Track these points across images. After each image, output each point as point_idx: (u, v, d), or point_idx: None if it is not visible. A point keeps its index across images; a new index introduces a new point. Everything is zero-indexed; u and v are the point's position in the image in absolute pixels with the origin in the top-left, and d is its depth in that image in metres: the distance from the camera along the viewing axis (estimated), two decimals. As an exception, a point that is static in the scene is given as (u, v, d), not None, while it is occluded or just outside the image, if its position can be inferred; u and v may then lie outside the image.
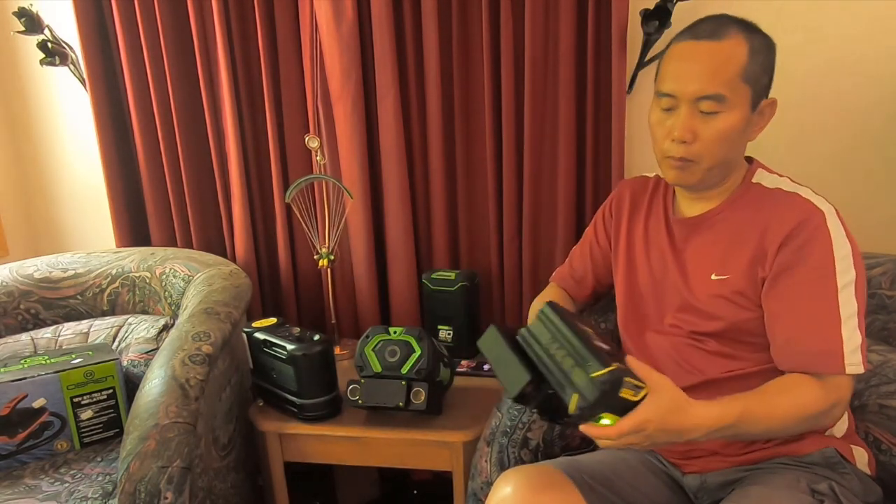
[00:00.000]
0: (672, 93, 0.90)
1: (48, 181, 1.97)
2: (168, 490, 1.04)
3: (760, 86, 0.90)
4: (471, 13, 1.51)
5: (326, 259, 1.58)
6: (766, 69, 0.90)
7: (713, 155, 0.90)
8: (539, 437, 1.12)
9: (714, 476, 0.98)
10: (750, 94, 0.88)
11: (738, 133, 0.90)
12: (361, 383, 1.28)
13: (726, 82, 0.86)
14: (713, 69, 0.87)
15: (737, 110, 0.88)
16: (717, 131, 0.88)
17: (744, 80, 0.87)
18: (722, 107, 0.87)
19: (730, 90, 0.87)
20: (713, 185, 0.97)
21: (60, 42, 1.70)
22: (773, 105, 0.93)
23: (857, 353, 0.84)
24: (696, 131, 0.89)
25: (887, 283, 1.14)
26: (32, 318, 1.61)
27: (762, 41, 0.89)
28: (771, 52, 0.91)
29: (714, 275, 0.95)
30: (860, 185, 1.44)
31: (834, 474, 0.90)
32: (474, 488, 1.11)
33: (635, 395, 0.74)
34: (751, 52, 0.87)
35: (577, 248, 1.24)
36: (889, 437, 1.02)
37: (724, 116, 0.88)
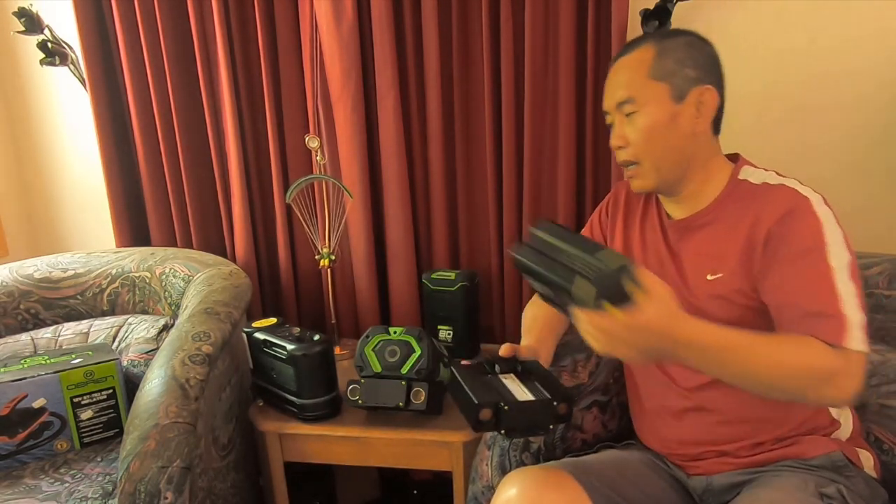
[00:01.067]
0: (605, 109, 1.02)
1: (48, 181, 1.97)
2: (168, 490, 1.04)
3: (681, 78, 0.94)
4: (471, 13, 1.51)
5: (327, 259, 1.58)
6: (686, 63, 0.94)
7: (647, 151, 0.96)
8: (540, 441, 1.12)
9: (720, 478, 0.97)
10: (666, 88, 0.94)
11: (665, 125, 0.94)
12: (361, 383, 1.28)
13: (633, 84, 0.96)
14: (623, 78, 0.98)
15: (651, 105, 0.94)
16: (640, 128, 0.96)
17: (652, 77, 0.94)
18: (636, 106, 0.95)
19: (637, 90, 0.95)
20: (678, 184, 0.99)
21: (60, 42, 1.70)
22: (709, 91, 0.95)
23: (860, 330, 0.81)
24: (626, 135, 0.98)
25: (885, 283, 1.14)
26: (32, 318, 1.61)
27: (676, 41, 0.96)
28: (691, 48, 0.95)
29: (709, 275, 0.95)
30: (860, 185, 1.44)
31: (841, 478, 0.90)
32: (475, 492, 1.11)
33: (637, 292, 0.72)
34: (658, 53, 0.95)
35: None
36: (890, 436, 1.02)
37: (642, 113, 0.95)
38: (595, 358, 1.19)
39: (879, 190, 1.43)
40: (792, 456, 0.93)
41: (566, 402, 0.89)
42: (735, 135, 1.47)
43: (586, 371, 1.17)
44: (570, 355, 1.18)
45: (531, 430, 0.91)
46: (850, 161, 1.44)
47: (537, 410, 0.88)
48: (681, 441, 1.02)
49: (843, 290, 0.83)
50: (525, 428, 0.90)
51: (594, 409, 1.17)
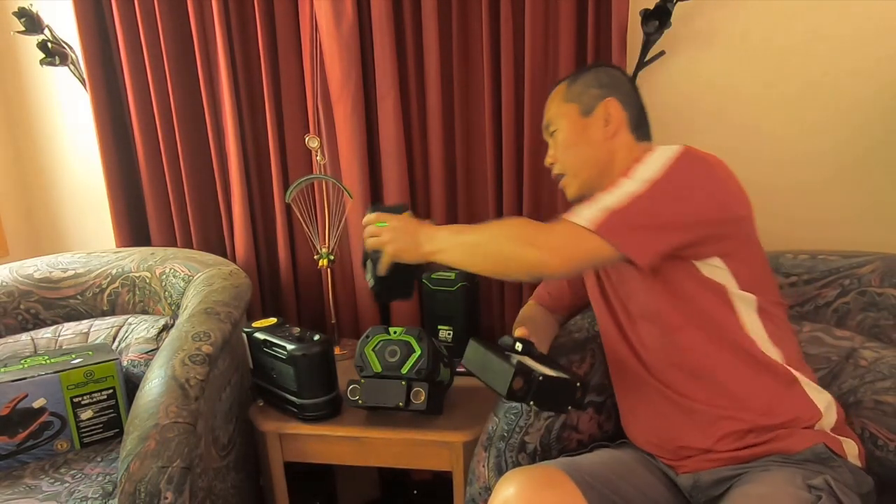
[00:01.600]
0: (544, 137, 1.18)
1: (48, 181, 1.97)
2: (168, 490, 1.04)
3: (587, 96, 1.10)
4: (471, 13, 1.51)
5: (326, 259, 1.58)
6: (592, 84, 1.11)
7: (567, 162, 1.11)
8: (536, 441, 1.12)
9: (706, 474, 0.98)
10: (575, 107, 1.10)
11: (578, 137, 1.09)
12: (361, 383, 1.28)
13: (550, 110, 1.14)
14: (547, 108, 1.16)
15: (564, 122, 1.11)
16: (559, 143, 1.12)
17: (565, 101, 1.12)
18: (554, 125, 1.13)
19: (553, 113, 1.13)
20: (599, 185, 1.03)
21: (60, 42, 1.70)
22: (611, 103, 1.08)
23: (598, 211, 0.91)
24: (554, 153, 1.14)
25: (877, 281, 1.15)
26: (32, 318, 1.61)
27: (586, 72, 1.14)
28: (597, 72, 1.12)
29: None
30: (860, 185, 1.44)
31: (827, 469, 0.90)
32: (472, 494, 1.11)
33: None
34: (570, 82, 1.13)
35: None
36: (885, 432, 1.02)
37: (559, 131, 1.12)
38: (590, 359, 1.20)
39: (879, 190, 1.43)
40: (776, 451, 0.93)
41: (583, 387, 0.92)
42: (735, 134, 1.48)
43: (581, 372, 1.18)
44: (564, 356, 1.18)
45: (553, 407, 0.92)
46: (850, 161, 1.44)
47: (561, 389, 0.90)
48: (665, 437, 1.03)
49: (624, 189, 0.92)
50: (549, 405, 0.91)
51: (590, 410, 1.18)
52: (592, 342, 1.21)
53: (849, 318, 1.17)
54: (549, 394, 0.89)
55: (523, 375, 0.87)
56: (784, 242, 1.36)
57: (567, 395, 0.91)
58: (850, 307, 1.17)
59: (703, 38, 1.45)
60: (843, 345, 1.14)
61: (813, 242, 1.40)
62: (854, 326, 1.17)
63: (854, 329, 1.17)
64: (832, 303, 1.19)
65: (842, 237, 1.43)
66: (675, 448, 1.02)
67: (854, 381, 1.09)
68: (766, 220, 1.48)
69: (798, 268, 1.23)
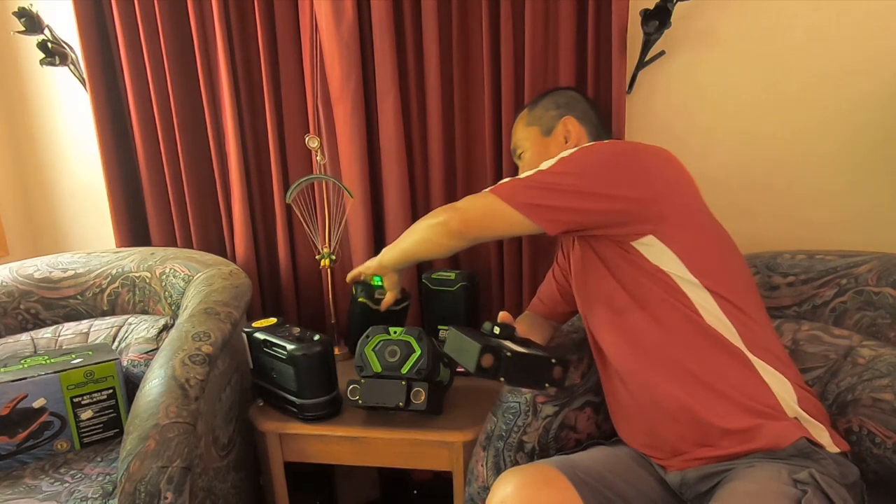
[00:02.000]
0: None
1: (48, 181, 1.97)
2: (168, 490, 1.04)
3: (547, 118, 1.24)
4: (471, 13, 1.51)
5: (328, 259, 1.58)
6: (549, 107, 1.26)
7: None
8: (535, 441, 1.12)
9: (692, 472, 0.99)
10: (537, 129, 1.25)
11: (541, 155, 1.17)
12: (361, 383, 1.28)
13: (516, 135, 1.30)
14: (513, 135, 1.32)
15: (527, 143, 1.26)
16: (525, 163, 1.25)
17: (528, 125, 1.27)
18: (521, 149, 1.28)
19: (518, 138, 1.29)
20: None
21: (60, 42, 1.70)
22: (569, 121, 1.22)
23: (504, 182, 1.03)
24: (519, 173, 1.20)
25: (874, 280, 1.15)
26: (32, 318, 1.61)
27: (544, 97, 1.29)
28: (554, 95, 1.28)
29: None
30: (855, 184, 1.45)
31: (811, 462, 0.91)
32: (471, 493, 1.11)
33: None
34: (529, 109, 1.29)
35: (547, 274, 1.36)
36: (883, 429, 1.03)
37: (525, 152, 1.27)
38: (587, 359, 1.20)
39: (878, 190, 1.43)
40: (760, 448, 0.93)
41: (562, 365, 0.94)
42: (734, 133, 1.49)
43: (578, 372, 1.18)
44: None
45: (527, 383, 0.96)
46: (849, 161, 1.44)
47: (535, 365, 0.94)
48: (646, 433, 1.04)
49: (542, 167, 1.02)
50: (522, 381, 0.95)
51: (588, 410, 1.18)
52: (589, 343, 1.22)
53: (846, 318, 1.18)
54: (522, 370, 0.92)
55: (492, 352, 0.90)
56: (782, 242, 1.36)
57: (542, 372, 0.94)
58: (848, 306, 1.18)
59: (703, 38, 1.45)
60: (841, 343, 1.14)
61: (811, 243, 1.41)
62: (852, 325, 1.17)
63: (852, 328, 1.17)
64: (830, 302, 1.20)
65: (839, 237, 1.43)
66: (658, 444, 1.03)
67: (852, 380, 1.10)
68: (765, 221, 1.49)
69: (796, 267, 1.24)
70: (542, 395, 1.14)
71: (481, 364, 0.90)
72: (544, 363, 0.94)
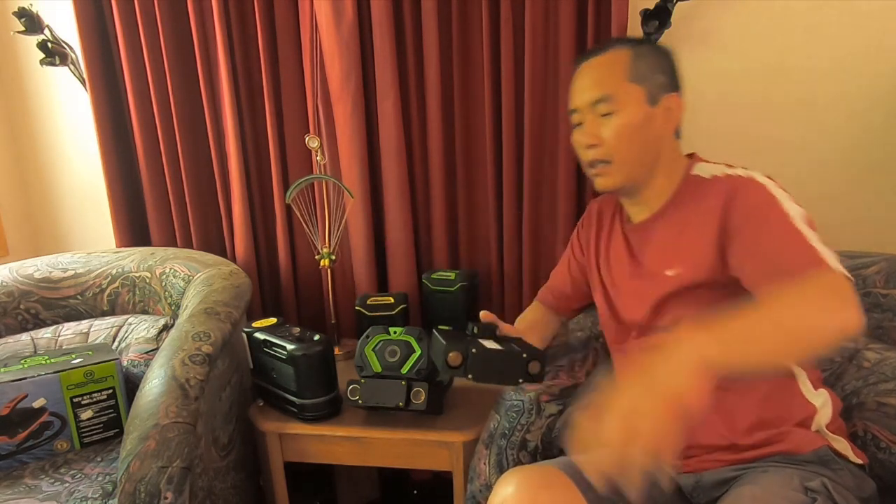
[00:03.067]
0: (574, 107, 1.03)
1: (48, 181, 1.97)
2: (168, 490, 1.04)
3: (655, 83, 0.98)
4: (471, 13, 1.51)
5: (328, 259, 1.58)
6: (659, 69, 0.99)
7: (620, 151, 0.98)
8: (537, 440, 1.12)
9: (709, 475, 0.98)
10: (642, 91, 0.98)
11: (639, 127, 0.97)
12: (361, 383, 1.28)
13: (611, 84, 0.98)
14: (599, 77, 1.00)
15: (630, 107, 0.97)
16: (616, 127, 0.98)
17: (630, 80, 0.97)
18: (614, 106, 0.97)
19: (615, 89, 0.98)
20: (641, 184, 1.02)
21: (60, 42, 1.70)
22: (676, 99, 1.00)
23: (835, 259, 0.78)
24: (599, 134, 0.99)
25: (881, 282, 1.14)
26: (32, 318, 1.61)
27: (648, 47, 1.01)
28: (661, 55, 1.01)
29: (669, 271, 0.98)
30: (860, 184, 1.44)
31: (827, 471, 0.90)
32: (473, 491, 1.11)
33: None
34: (634, 56, 0.98)
35: (557, 267, 1.29)
36: (888, 434, 1.02)
37: (620, 114, 0.97)
38: (592, 357, 1.20)
39: (883, 190, 1.43)
40: (780, 452, 0.93)
41: (537, 360, 0.93)
42: (734, 133, 1.48)
43: (583, 371, 1.18)
44: (567, 355, 1.19)
45: (499, 379, 0.95)
46: (852, 161, 1.44)
47: (505, 361, 0.93)
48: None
49: (807, 232, 0.83)
50: (493, 377, 0.94)
51: (591, 409, 1.17)
52: (595, 341, 1.21)
53: (853, 319, 1.17)
54: (490, 367, 0.93)
55: (459, 350, 0.91)
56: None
57: (514, 368, 0.93)
58: (855, 308, 1.17)
59: (703, 38, 1.45)
60: (847, 345, 1.13)
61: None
62: (858, 327, 1.17)
63: (858, 330, 1.17)
64: (836, 303, 1.19)
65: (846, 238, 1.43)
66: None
67: (857, 383, 1.09)
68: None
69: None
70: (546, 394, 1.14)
71: (448, 362, 0.91)
72: (514, 358, 0.94)
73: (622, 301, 1.08)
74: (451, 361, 0.91)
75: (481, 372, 0.92)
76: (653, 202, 1.03)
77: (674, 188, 1.02)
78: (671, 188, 1.02)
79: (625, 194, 1.06)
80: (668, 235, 1.00)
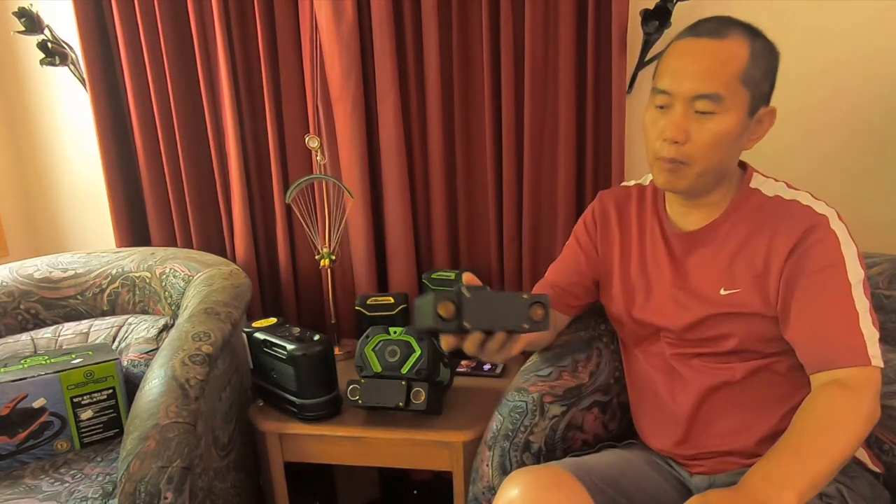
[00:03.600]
0: (668, 90, 0.88)
1: (48, 181, 1.97)
2: (168, 490, 1.04)
3: (760, 92, 0.88)
4: (471, 13, 1.51)
5: (328, 259, 1.58)
6: (767, 75, 0.89)
7: (706, 158, 0.88)
8: (541, 441, 1.12)
9: (723, 477, 0.97)
10: (748, 98, 0.87)
11: (734, 138, 0.88)
12: (361, 383, 1.28)
13: (724, 82, 0.85)
14: (712, 68, 0.85)
15: (733, 113, 0.86)
16: (712, 134, 0.86)
17: (742, 82, 0.86)
18: (718, 108, 0.85)
19: (727, 91, 0.85)
20: (705, 192, 0.96)
21: (60, 42, 1.70)
22: (773, 114, 0.92)
23: (876, 345, 0.84)
24: (689, 132, 0.87)
25: (885, 283, 1.14)
26: (32, 318, 1.61)
27: (765, 46, 0.89)
28: (774, 58, 0.90)
29: (723, 289, 0.94)
30: (860, 185, 1.44)
31: (844, 477, 0.89)
32: (476, 493, 1.10)
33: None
34: (752, 56, 0.86)
35: (556, 265, 1.19)
36: (891, 437, 1.02)
37: (720, 118, 0.86)
38: (596, 358, 1.19)
39: (880, 189, 1.43)
40: None
41: (540, 304, 0.78)
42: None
43: (587, 371, 1.17)
44: (570, 355, 1.18)
45: (500, 325, 0.80)
46: (849, 160, 1.44)
47: (504, 304, 0.79)
48: (684, 441, 1.02)
49: (861, 307, 0.85)
50: (493, 324, 0.80)
51: (595, 410, 1.17)
52: (598, 340, 1.20)
53: (856, 321, 1.17)
54: (489, 311, 0.78)
55: (449, 297, 0.76)
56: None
57: (516, 311, 0.78)
58: (858, 309, 1.17)
59: (703, 38, 1.45)
60: None
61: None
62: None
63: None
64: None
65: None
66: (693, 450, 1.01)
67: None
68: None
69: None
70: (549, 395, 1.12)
71: (439, 314, 0.76)
72: (515, 301, 0.78)
73: (656, 306, 1.03)
74: (443, 312, 0.76)
75: (480, 318, 0.77)
76: (709, 211, 0.97)
77: (729, 199, 0.97)
78: (728, 198, 0.97)
79: (684, 197, 0.98)
80: (725, 252, 0.95)
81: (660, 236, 1.03)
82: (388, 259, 1.68)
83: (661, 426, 1.06)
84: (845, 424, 0.81)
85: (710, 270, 0.96)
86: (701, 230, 0.98)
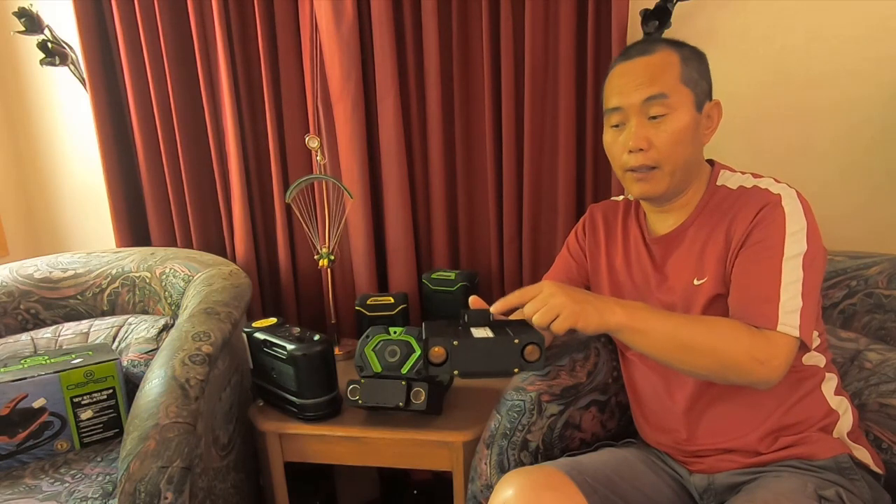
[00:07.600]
0: (619, 105, 0.96)
1: (48, 181, 1.97)
2: (168, 490, 1.04)
3: (700, 89, 0.95)
4: (471, 13, 1.51)
5: (327, 259, 1.58)
6: (703, 75, 0.97)
7: (673, 157, 0.94)
8: (539, 440, 1.12)
9: (722, 477, 0.98)
10: (692, 96, 0.94)
11: (691, 133, 0.94)
12: (361, 383, 1.28)
13: (667, 83, 0.93)
14: (653, 75, 0.94)
15: (682, 111, 0.93)
16: (670, 133, 0.93)
17: (683, 82, 0.94)
18: (668, 108, 0.93)
19: (671, 90, 0.93)
20: (678, 192, 1.00)
21: (60, 42, 1.70)
22: (719, 107, 0.99)
23: (795, 316, 0.85)
24: (649, 138, 0.94)
25: (884, 283, 1.14)
26: (32, 318, 1.61)
27: (692, 51, 0.97)
28: (703, 61, 0.98)
29: (695, 280, 0.97)
30: (860, 185, 1.44)
31: (844, 480, 0.90)
32: (474, 491, 1.11)
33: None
34: (683, 60, 0.94)
35: (549, 275, 1.22)
36: (889, 435, 1.02)
37: (673, 118, 0.93)
38: (594, 357, 1.20)
39: (879, 190, 1.43)
40: (797, 456, 0.93)
41: (535, 343, 0.79)
42: (734, 134, 1.48)
43: (584, 370, 1.18)
44: (567, 354, 1.18)
45: (493, 372, 0.81)
46: (849, 161, 1.44)
47: (496, 349, 0.80)
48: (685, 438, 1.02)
49: (789, 277, 0.87)
50: (483, 370, 0.81)
51: (592, 409, 1.17)
52: (596, 340, 1.21)
53: (855, 320, 1.17)
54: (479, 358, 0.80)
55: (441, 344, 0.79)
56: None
57: (507, 356, 0.80)
58: (857, 308, 1.17)
59: (703, 38, 1.44)
60: (848, 346, 1.13)
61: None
62: (860, 328, 1.16)
63: (860, 331, 1.16)
64: (839, 304, 1.19)
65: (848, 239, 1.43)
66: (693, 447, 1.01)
67: (859, 384, 1.09)
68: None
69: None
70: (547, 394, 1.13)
71: (430, 360, 0.79)
72: (506, 345, 0.79)
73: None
74: (434, 358, 0.78)
75: (468, 366, 0.79)
76: (680, 212, 1.02)
77: (699, 197, 1.00)
78: (697, 197, 1.01)
79: (658, 202, 1.02)
80: (694, 246, 0.99)
81: (642, 244, 1.08)
82: (388, 259, 1.68)
83: (661, 425, 1.06)
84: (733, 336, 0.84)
85: (685, 266, 1.00)
86: (673, 232, 1.02)
